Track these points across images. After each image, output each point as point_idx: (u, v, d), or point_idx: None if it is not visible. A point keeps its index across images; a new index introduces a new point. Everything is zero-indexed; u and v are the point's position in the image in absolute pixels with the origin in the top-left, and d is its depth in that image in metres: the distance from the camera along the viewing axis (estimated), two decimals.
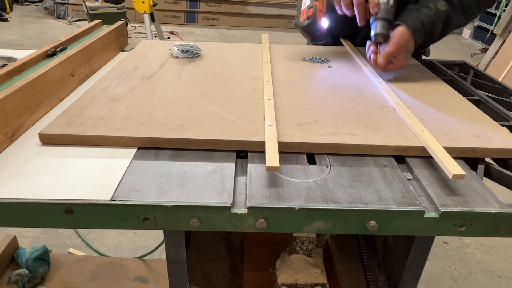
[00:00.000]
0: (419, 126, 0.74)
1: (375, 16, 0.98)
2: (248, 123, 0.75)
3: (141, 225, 0.58)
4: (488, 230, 0.59)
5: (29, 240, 2.01)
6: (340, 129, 0.75)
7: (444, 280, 1.95)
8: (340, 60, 1.15)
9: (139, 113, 0.77)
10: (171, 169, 0.65)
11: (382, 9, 0.98)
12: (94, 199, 0.57)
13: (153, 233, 2.08)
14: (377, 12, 0.97)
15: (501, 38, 4.42)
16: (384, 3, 0.98)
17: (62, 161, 0.66)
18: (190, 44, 1.14)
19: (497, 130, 0.77)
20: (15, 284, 1.53)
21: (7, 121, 0.70)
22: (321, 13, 1.05)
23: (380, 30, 0.97)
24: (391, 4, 0.98)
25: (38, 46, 4.74)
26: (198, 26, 6.41)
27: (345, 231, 0.59)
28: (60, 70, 0.88)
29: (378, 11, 0.97)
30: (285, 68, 1.07)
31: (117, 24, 1.26)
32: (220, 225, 0.58)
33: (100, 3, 4.41)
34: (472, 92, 1.01)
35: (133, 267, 1.66)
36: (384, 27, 0.97)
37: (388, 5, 0.98)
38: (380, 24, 0.97)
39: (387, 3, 0.98)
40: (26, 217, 0.56)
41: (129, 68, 1.02)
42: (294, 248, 0.82)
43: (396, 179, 0.65)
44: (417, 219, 0.58)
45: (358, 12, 0.97)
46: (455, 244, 2.18)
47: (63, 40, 1.08)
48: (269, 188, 0.61)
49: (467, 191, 0.62)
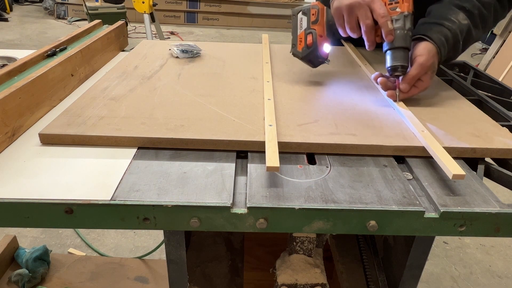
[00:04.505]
0: (419, 126, 0.74)
1: (389, 44, 0.83)
2: (248, 123, 0.75)
3: (141, 225, 0.58)
4: (488, 230, 0.59)
5: (29, 240, 2.01)
6: (340, 129, 0.75)
7: (444, 280, 1.95)
8: (340, 60, 1.15)
9: (139, 113, 0.77)
10: (171, 169, 0.65)
11: (398, 36, 0.82)
12: (94, 199, 0.57)
13: (153, 233, 2.08)
14: (392, 40, 0.82)
15: (501, 38, 4.42)
16: (400, 28, 0.82)
17: (62, 161, 0.66)
18: (190, 44, 1.14)
19: (497, 130, 0.77)
20: (15, 284, 1.53)
21: (7, 121, 0.70)
22: (322, 38, 0.91)
23: (400, 62, 0.82)
24: (407, 27, 0.82)
25: (38, 46, 4.73)
26: (198, 26, 6.41)
27: (345, 231, 0.59)
28: (60, 70, 0.88)
29: (393, 39, 0.82)
30: (285, 68, 1.07)
31: (117, 24, 1.26)
32: (220, 225, 0.58)
33: (100, 3, 4.41)
34: (472, 92, 1.01)
35: (133, 267, 1.66)
36: (403, 58, 0.82)
37: (404, 29, 0.82)
38: (397, 54, 0.82)
39: (402, 27, 0.82)
40: (26, 217, 0.56)
41: (129, 68, 1.02)
42: (294, 248, 0.82)
43: (396, 179, 0.65)
44: (417, 219, 0.58)
45: (368, 39, 0.84)
46: (455, 244, 2.18)
47: (63, 40, 1.08)
48: (269, 188, 0.61)
49: (467, 191, 0.62)
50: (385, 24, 0.81)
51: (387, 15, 0.81)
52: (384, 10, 0.81)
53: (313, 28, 0.90)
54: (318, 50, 0.91)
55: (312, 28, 0.90)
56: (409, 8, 0.82)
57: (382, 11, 0.81)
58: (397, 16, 0.82)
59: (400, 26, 0.82)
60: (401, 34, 0.82)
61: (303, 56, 0.93)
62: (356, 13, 0.83)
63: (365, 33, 0.83)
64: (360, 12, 0.82)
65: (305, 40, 0.91)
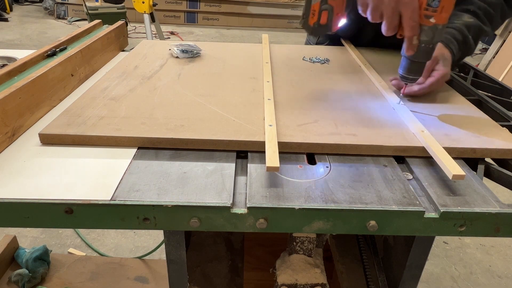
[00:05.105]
0: (419, 126, 0.74)
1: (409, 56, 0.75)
2: (248, 123, 0.75)
3: (141, 225, 0.58)
4: (488, 230, 0.59)
5: (29, 240, 2.01)
6: (340, 129, 0.75)
7: (444, 280, 1.95)
8: (340, 60, 1.15)
9: (139, 113, 0.77)
10: (171, 169, 0.65)
11: (420, 51, 0.73)
12: (94, 199, 0.57)
13: (153, 233, 2.08)
14: (413, 55, 0.74)
15: (501, 38, 4.42)
16: (426, 42, 0.71)
17: (62, 161, 0.66)
18: (190, 44, 1.14)
19: (497, 130, 0.77)
20: (15, 284, 1.53)
21: (7, 121, 0.70)
22: (339, 16, 0.80)
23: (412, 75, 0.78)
24: (435, 41, 0.72)
25: (38, 46, 4.73)
26: (198, 26, 6.41)
27: (345, 231, 0.59)
28: (60, 70, 0.88)
29: (413, 54, 0.74)
30: (285, 68, 1.07)
31: (117, 24, 1.26)
32: (220, 225, 0.58)
33: (100, 3, 4.41)
34: (472, 92, 1.01)
35: (133, 267, 1.66)
36: (418, 71, 0.77)
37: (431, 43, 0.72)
38: (412, 67, 0.76)
39: (430, 41, 0.71)
40: (26, 217, 0.56)
41: (129, 68, 1.02)
42: (294, 248, 0.82)
43: (396, 179, 0.65)
44: (417, 219, 0.58)
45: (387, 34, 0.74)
46: (455, 244, 2.19)
47: (63, 40, 1.08)
48: (269, 188, 0.61)
49: (467, 191, 0.62)
50: (410, 38, 0.72)
51: (416, 27, 0.70)
52: (414, 21, 0.70)
53: (331, 4, 0.77)
54: (331, 29, 0.80)
55: (330, 4, 0.77)
56: (446, 20, 0.70)
57: (411, 22, 0.70)
58: (429, 27, 0.70)
59: (427, 40, 0.71)
60: (424, 49, 0.72)
61: (312, 32, 0.83)
62: (382, 9, 0.72)
63: (386, 31, 0.74)
64: (387, 11, 0.71)
65: (319, 16, 0.79)
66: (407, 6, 0.69)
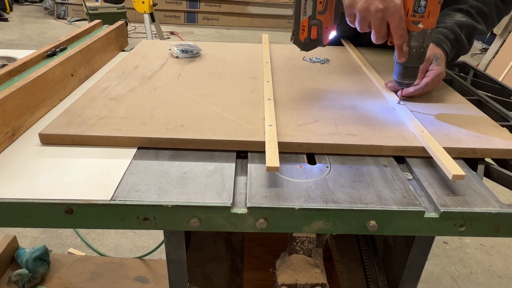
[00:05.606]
0: (419, 126, 0.74)
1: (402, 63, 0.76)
2: (248, 123, 0.75)
3: (141, 225, 0.58)
4: (488, 230, 0.59)
5: (29, 240, 2.01)
6: (340, 129, 0.75)
7: (444, 280, 1.95)
8: (340, 60, 1.15)
9: (139, 113, 0.77)
10: (171, 169, 0.65)
11: (412, 57, 0.74)
12: (94, 199, 0.57)
13: (153, 233, 2.08)
14: (404, 61, 0.75)
15: (501, 38, 4.41)
16: (417, 47, 0.72)
17: (62, 161, 0.66)
18: (190, 44, 1.14)
19: (497, 130, 0.77)
20: (15, 284, 1.53)
21: (7, 121, 0.70)
22: (328, 29, 0.81)
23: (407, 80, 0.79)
24: (426, 45, 0.73)
25: (38, 46, 4.74)
26: (198, 26, 6.41)
27: (345, 231, 0.59)
28: (60, 70, 0.88)
29: (405, 61, 0.75)
30: (285, 68, 1.07)
31: (117, 24, 1.26)
32: (220, 225, 0.58)
33: (100, 3, 4.41)
34: (472, 92, 1.01)
35: (133, 267, 1.66)
36: (412, 76, 0.78)
37: (422, 48, 0.73)
38: (406, 72, 0.77)
39: (420, 46, 0.72)
40: (26, 217, 0.56)
41: (129, 68, 1.02)
42: (294, 248, 0.82)
43: (396, 179, 0.65)
44: (417, 219, 0.58)
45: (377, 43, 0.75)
46: (455, 244, 2.19)
47: (63, 40, 1.08)
48: (269, 188, 0.61)
49: (467, 191, 0.62)
50: (400, 46, 0.73)
51: (404, 35, 0.71)
52: (402, 29, 0.70)
53: (319, 19, 0.79)
54: (322, 43, 0.82)
55: (318, 19, 0.79)
56: (434, 24, 0.71)
57: (399, 30, 0.70)
58: (418, 33, 0.71)
59: (418, 45, 0.72)
60: (416, 54, 0.73)
61: (304, 47, 0.84)
62: (369, 19, 0.73)
63: (376, 40, 0.74)
64: (374, 21, 0.72)
65: (309, 31, 0.80)
66: (393, 15, 0.69)
